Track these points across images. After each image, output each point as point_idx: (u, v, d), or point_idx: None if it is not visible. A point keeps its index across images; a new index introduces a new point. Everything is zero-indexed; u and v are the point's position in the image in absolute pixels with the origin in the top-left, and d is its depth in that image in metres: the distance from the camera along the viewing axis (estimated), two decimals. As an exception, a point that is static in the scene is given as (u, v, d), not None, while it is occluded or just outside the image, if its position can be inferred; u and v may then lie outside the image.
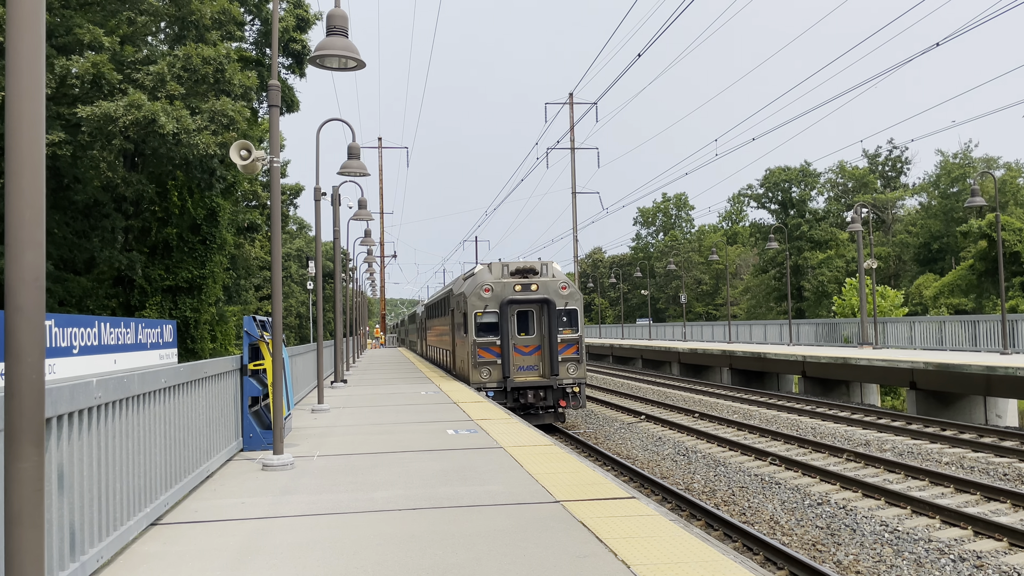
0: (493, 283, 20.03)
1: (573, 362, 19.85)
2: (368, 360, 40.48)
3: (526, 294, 19.95)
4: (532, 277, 20.20)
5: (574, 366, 19.86)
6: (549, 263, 20.53)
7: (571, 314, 20.07)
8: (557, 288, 20.13)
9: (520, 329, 20.16)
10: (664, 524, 5.88)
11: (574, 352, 19.89)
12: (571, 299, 20.15)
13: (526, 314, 20.21)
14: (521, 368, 19.97)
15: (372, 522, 6.15)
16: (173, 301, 31.61)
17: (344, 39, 9.37)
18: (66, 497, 4.49)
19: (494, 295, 19.87)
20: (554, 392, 19.67)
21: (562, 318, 19.92)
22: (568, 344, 19.84)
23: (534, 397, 19.61)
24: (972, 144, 77.67)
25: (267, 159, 9.06)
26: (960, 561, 9.42)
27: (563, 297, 20.07)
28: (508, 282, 20.03)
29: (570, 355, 19.84)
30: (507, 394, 19.59)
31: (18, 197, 2.64)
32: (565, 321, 19.95)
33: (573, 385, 19.83)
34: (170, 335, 22.56)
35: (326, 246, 48.40)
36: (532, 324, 20.21)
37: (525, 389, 19.65)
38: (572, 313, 20.08)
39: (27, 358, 2.61)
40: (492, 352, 19.73)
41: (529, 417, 19.40)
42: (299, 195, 59.49)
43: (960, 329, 28.11)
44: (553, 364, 19.54)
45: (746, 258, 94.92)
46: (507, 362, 19.67)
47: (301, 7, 33.83)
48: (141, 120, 23.27)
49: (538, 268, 20.41)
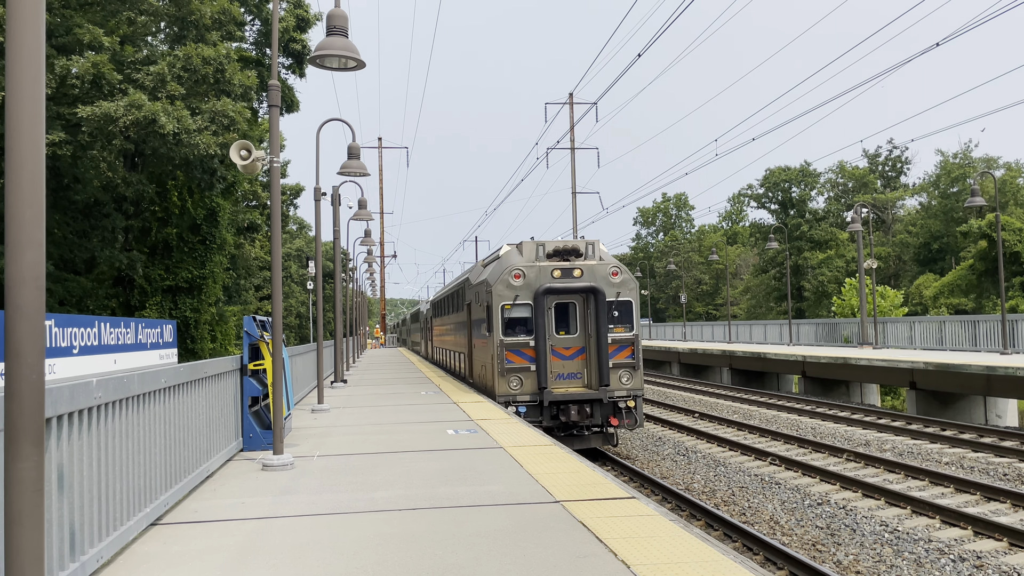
0: (525, 267, 16.22)
1: (627, 369, 16.06)
2: (368, 360, 40.48)
3: (567, 281, 16.14)
4: (575, 260, 16.39)
5: (628, 374, 16.06)
6: (595, 242, 16.66)
7: (624, 307, 16.30)
8: (606, 273, 16.28)
9: (559, 326, 16.39)
10: (664, 524, 5.88)
11: (628, 356, 16.13)
12: (624, 288, 16.35)
13: (566, 307, 16.46)
14: (560, 376, 16.22)
15: (372, 522, 6.15)
16: (173, 301, 31.63)
17: (344, 39, 9.38)
18: (66, 497, 4.49)
19: (526, 283, 16.10)
20: (603, 407, 15.80)
21: (613, 312, 16.20)
22: (621, 345, 16.09)
23: (578, 414, 15.60)
24: (972, 144, 77.68)
25: (267, 159, 9.06)
26: (960, 561, 9.42)
27: (614, 285, 16.26)
28: (544, 266, 16.25)
29: (623, 359, 16.07)
30: (543, 410, 15.76)
31: (18, 197, 2.64)
32: (616, 316, 16.22)
33: (627, 398, 15.96)
34: (170, 335, 22.56)
35: (326, 246, 48.41)
36: (574, 320, 16.45)
37: (567, 403, 15.64)
38: (625, 306, 16.31)
39: (27, 358, 2.61)
40: (523, 355, 16.00)
41: (571, 440, 15.86)
42: (299, 195, 59.51)
43: (960, 329, 28.11)
44: (602, 371, 15.72)
45: (746, 258, 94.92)
46: (543, 368, 15.77)
47: (301, 7, 33.83)
48: (142, 120, 23.28)
49: (582, 248, 16.53)
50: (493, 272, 17.23)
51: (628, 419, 15.99)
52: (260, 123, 32.46)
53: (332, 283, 60.28)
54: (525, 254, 16.59)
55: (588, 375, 16.25)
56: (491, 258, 19.99)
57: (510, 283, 16.14)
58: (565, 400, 15.63)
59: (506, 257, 17.25)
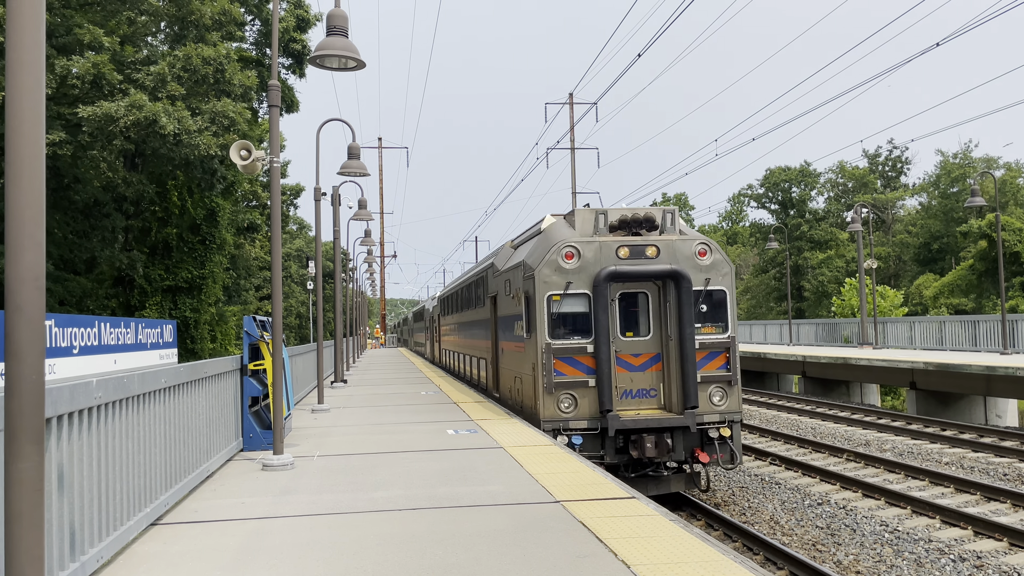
0: (581, 244, 12.14)
1: (720, 384, 11.97)
2: (368, 360, 40.49)
3: (639, 263, 12.05)
4: (648, 235, 12.31)
5: (721, 391, 11.96)
6: (674, 211, 12.61)
7: (716, 299, 12.22)
8: (691, 252, 12.19)
9: (626, 325, 12.31)
10: (664, 524, 5.88)
11: (721, 366, 12.05)
12: (715, 273, 12.23)
13: (634, 299, 12.39)
14: (628, 394, 12.13)
15: (372, 522, 6.15)
16: (173, 301, 31.66)
17: (344, 39, 9.38)
18: (66, 497, 4.49)
19: (583, 265, 12.08)
20: (687, 437, 11.85)
21: (700, 306, 12.14)
22: (712, 351, 12.06)
23: (656, 447, 11.51)
24: (972, 144, 77.72)
25: (267, 159, 9.07)
26: (960, 561, 9.42)
27: (701, 269, 12.16)
28: (607, 243, 12.16)
29: (715, 371, 12.01)
30: (606, 440, 11.72)
31: (18, 197, 2.64)
32: (705, 312, 12.17)
33: (721, 424, 11.91)
34: (170, 335, 22.57)
35: (326, 246, 48.40)
36: (646, 316, 12.36)
37: (639, 432, 11.63)
38: (717, 298, 12.22)
39: (27, 358, 2.61)
40: (579, 365, 11.92)
41: (643, 483, 11.83)
42: (299, 195, 59.53)
43: (960, 329, 28.11)
44: (687, 387, 11.61)
45: (746, 258, 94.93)
46: (607, 383, 11.67)
47: (301, 7, 33.85)
48: (142, 121, 23.29)
49: (658, 218, 12.37)
50: (534, 251, 13.01)
51: (721, 453, 11.87)
52: (260, 123, 32.48)
53: (332, 283, 60.29)
54: (579, 226, 12.53)
55: (667, 393, 12.18)
56: (528, 234, 15.26)
57: (560, 265, 12.08)
58: (637, 428, 11.57)
59: (551, 231, 13.07)
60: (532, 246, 13.51)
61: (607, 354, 11.81)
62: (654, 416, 11.73)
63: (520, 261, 13.49)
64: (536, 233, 14.31)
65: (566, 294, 12.04)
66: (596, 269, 12.01)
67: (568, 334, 12.03)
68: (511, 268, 14.31)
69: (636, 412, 12.03)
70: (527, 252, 13.56)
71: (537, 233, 14.16)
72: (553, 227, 13.17)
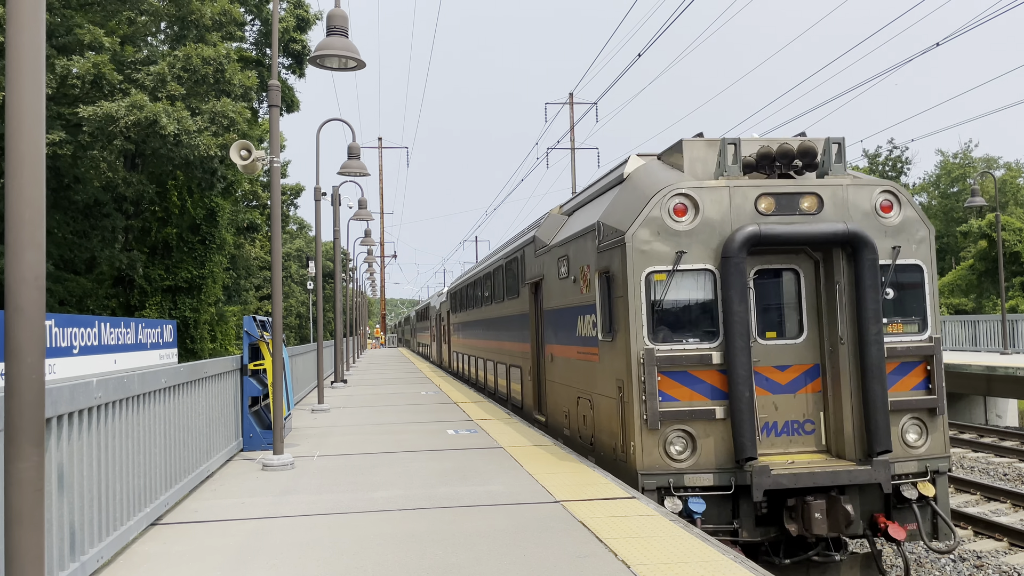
0: (699, 192, 7.88)
1: (917, 414, 7.88)
2: (368, 360, 40.50)
3: (793, 221, 7.87)
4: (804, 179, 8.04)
5: (919, 425, 7.88)
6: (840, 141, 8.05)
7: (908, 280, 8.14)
8: (872, 206, 8.02)
9: (767, 322, 8.10)
10: (664, 524, 5.88)
11: (919, 384, 7.96)
12: (907, 238, 8.08)
13: (777, 279, 8.20)
14: (769, 428, 7.95)
15: (372, 522, 6.15)
16: (173, 301, 31.67)
17: (344, 39, 9.38)
18: (66, 497, 4.49)
19: (703, 224, 7.87)
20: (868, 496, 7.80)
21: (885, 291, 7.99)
22: (905, 361, 7.96)
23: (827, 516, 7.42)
24: (972, 144, 77.72)
25: (267, 159, 9.07)
26: (960, 561, 9.42)
27: (887, 232, 8.03)
28: (741, 188, 7.91)
29: (908, 393, 7.91)
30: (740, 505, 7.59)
31: (18, 197, 2.65)
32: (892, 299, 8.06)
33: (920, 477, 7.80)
34: (170, 335, 22.58)
35: (326, 246, 48.46)
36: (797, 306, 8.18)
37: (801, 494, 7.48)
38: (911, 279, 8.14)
39: (27, 358, 2.61)
40: (697, 384, 7.75)
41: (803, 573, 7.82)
42: (299, 195, 59.53)
43: (960, 329, 28.11)
44: (872, 419, 7.51)
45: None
46: (747, 413, 7.45)
47: (301, 7, 33.85)
48: (143, 121, 23.30)
49: (817, 154, 7.84)
50: (617, 206, 8.62)
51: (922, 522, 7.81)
52: (260, 123, 32.49)
53: (332, 283, 60.31)
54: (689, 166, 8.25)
55: (833, 427, 7.94)
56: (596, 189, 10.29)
57: (666, 225, 7.82)
58: (800, 487, 7.39)
59: (641, 178, 8.64)
60: (620, 198, 8.72)
61: (746, 367, 7.51)
62: (820, 466, 7.48)
63: (593, 224, 8.98)
64: (616, 182, 9.38)
65: (676, 270, 7.76)
66: (726, 230, 7.78)
67: (678, 336, 7.82)
68: (572, 238, 9.95)
69: (786, 459, 7.77)
70: (610, 208, 8.75)
71: (618, 182, 9.29)
72: (644, 171, 8.74)
